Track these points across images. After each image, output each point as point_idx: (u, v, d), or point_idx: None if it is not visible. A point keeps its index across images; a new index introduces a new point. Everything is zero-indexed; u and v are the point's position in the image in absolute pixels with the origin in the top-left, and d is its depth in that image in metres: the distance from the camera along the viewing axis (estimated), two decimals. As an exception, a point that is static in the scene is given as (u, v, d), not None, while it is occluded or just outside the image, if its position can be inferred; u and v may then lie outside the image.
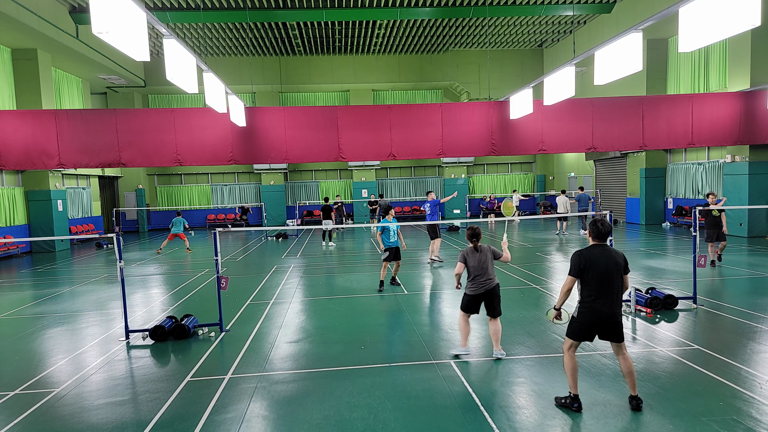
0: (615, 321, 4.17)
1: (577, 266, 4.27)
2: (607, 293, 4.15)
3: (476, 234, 5.61)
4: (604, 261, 4.18)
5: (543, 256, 12.90)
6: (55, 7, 15.94)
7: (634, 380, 4.25)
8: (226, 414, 4.45)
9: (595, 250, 4.27)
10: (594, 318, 4.19)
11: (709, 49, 16.68)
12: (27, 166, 13.72)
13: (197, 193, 27.15)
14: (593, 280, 4.18)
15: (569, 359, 4.33)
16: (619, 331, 4.19)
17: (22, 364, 6.01)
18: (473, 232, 5.63)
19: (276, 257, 14.33)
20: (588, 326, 4.23)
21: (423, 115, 14.54)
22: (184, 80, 8.40)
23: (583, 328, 4.26)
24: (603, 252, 4.25)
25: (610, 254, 4.24)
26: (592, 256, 4.23)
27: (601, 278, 4.16)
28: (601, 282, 4.16)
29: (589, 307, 4.21)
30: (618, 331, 4.19)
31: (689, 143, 14.75)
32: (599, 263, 4.18)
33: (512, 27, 21.89)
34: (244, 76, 23.85)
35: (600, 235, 4.32)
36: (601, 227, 4.30)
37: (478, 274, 5.51)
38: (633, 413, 4.17)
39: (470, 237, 5.65)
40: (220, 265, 6.90)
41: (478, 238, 5.61)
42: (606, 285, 4.15)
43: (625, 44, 8.31)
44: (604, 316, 4.15)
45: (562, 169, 27.13)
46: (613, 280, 4.17)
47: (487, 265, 5.56)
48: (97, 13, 5.39)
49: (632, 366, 4.24)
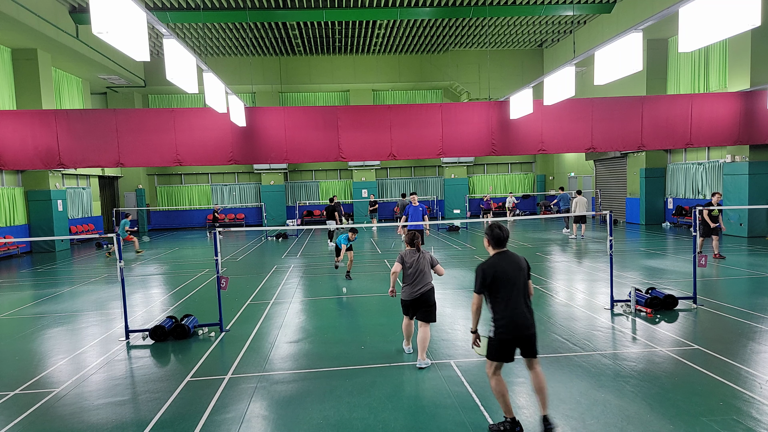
0: (531, 333, 3.86)
1: (481, 281, 3.85)
2: (517, 303, 3.82)
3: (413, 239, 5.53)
4: (508, 269, 3.85)
5: (543, 256, 12.90)
6: (55, 7, 15.94)
7: (546, 398, 3.90)
8: (226, 414, 4.45)
9: (497, 260, 3.90)
10: (511, 333, 3.81)
11: (709, 49, 16.68)
12: (27, 166, 13.72)
13: (197, 193, 27.15)
14: (501, 292, 3.81)
15: (495, 383, 3.92)
16: (534, 345, 3.89)
17: (22, 364, 6.01)
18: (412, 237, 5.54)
19: (276, 257, 14.34)
20: (507, 343, 3.84)
21: (423, 115, 14.54)
22: (184, 80, 8.40)
23: (504, 347, 3.85)
24: (505, 259, 3.90)
25: (513, 260, 3.91)
26: (495, 266, 3.85)
27: (509, 288, 3.81)
28: (510, 292, 3.81)
29: (503, 323, 3.82)
30: (533, 345, 3.89)
31: (689, 143, 14.75)
32: (504, 273, 3.83)
33: (512, 27, 21.89)
34: (244, 76, 23.85)
35: (499, 241, 3.94)
36: (500, 232, 3.93)
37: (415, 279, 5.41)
38: (634, 413, 4.17)
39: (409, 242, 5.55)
40: (220, 265, 6.90)
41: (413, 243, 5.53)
42: (515, 295, 3.82)
43: (625, 44, 8.31)
44: (520, 328, 3.81)
45: (562, 169, 27.13)
46: (521, 288, 3.86)
47: (424, 269, 5.44)
48: (97, 13, 5.39)
49: (544, 382, 3.91)
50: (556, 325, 6.74)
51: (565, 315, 7.22)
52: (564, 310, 7.53)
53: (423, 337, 5.35)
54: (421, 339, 5.35)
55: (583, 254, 12.99)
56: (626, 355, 5.54)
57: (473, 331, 4.06)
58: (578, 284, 9.41)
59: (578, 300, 8.13)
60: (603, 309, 7.43)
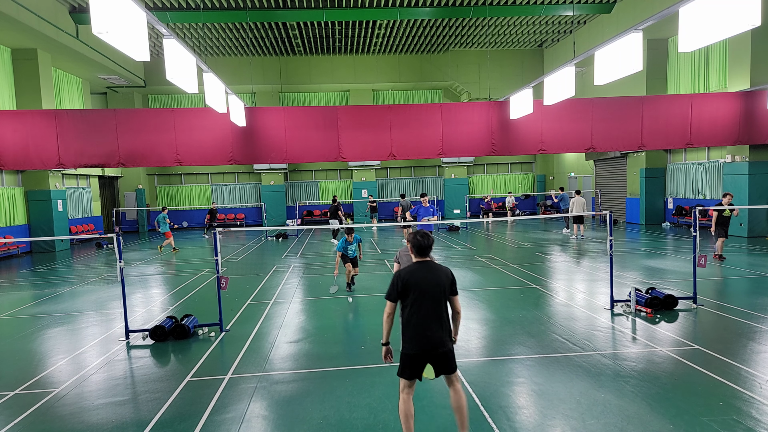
0: (444, 350, 3.59)
1: (394, 288, 3.65)
2: (429, 317, 3.56)
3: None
4: (425, 281, 3.60)
5: (543, 256, 12.90)
6: (55, 7, 15.94)
7: (465, 418, 3.64)
8: (226, 414, 4.45)
9: (416, 268, 3.67)
10: (419, 348, 3.56)
11: (709, 49, 16.68)
12: (27, 166, 13.72)
13: (197, 193, 27.15)
14: (414, 303, 3.58)
15: (402, 403, 3.63)
16: (449, 362, 3.63)
17: (22, 364, 6.01)
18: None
19: (276, 257, 14.34)
20: (414, 360, 3.58)
21: (423, 115, 14.54)
22: (184, 80, 8.40)
23: (411, 363, 3.59)
24: (425, 270, 3.66)
25: (433, 272, 3.65)
26: (412, 275, 3.62)
27: (422, 300, 3.57)
28: (421, 305, 3.56)
29: (410, 336, 3.59)
30: (448, 362, 3.62)
31: (689, 143, 14.75)
32: (420, 283, 3.58)
33: (512, 27, 21.89)
34: (244, 76, 23.85)
35: (420, 250, 3.72)
36: (422, 240, 3.71)
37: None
38: (634, 413, 4.16)
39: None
40: (220, 265, 6.90)
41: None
42: (427, 308, 3.56)
43: (625, 44, 8.31)
44: (429, 345, 3.55)
45: (562, 169, 27.13)
46: (438, 302, 3.60)
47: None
48: (97, 13, 5.39)
49: (464, 402, 3.65)
50: (556, 325, 6.74)
51: (565, 315, 7.22)
52: (564, 310, 7.53)
53: None
54: None
55: (583, 254, 12.99)
56: (626, 355, 5.54)
57: (384, 344, 3.73)
58: (578, 284, 9.41)
59: (578, 300, 8.13)
60: (603, 309, 7.43)
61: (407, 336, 3.60)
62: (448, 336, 3.66)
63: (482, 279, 10.05)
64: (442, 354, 3.59)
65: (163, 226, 16.13)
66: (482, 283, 9.61)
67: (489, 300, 8.29)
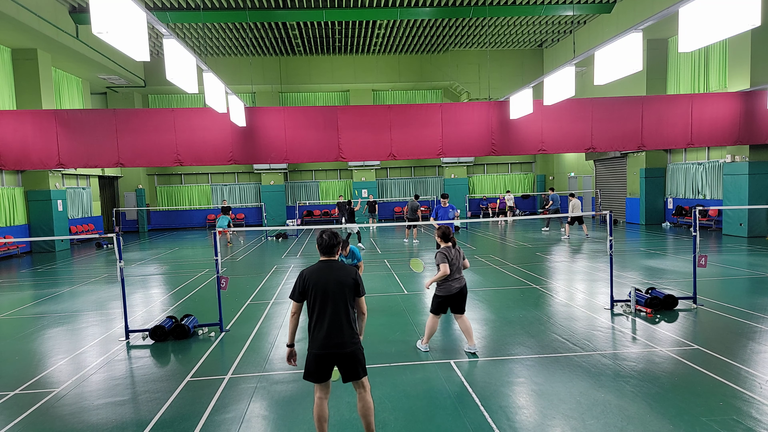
0: (346, 353, 3.49)
1: (297, 287, 3.57)
2: (331, 319, 3.48)
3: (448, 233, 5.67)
4: (326, 280, 3.52)
5: (543, 256, 12.91)
6: (55, 7, 15.94)
7: (371, 425, 3.62)
8: (226, 414, 4.45)
9: (319, 267, 3.60)
10: (322, 348, 3.48)
11: (709, 49, 16.68)
12: (27, 166, 13.72)
13: (197, 193, 27.14)
14: (316, 303, 3.51)
15: (315, 407, 3.60)
16: (355, 365, 3.54)
17: (22, 364, 6.01)
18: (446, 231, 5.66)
19: (276, 257, 14.34)
20: (318, 361, 3.51)
21: (423, 115, 14.54)
22: (184, 80, 8.40)
23: (314, 364, 3.52)
24: (327, 269, 3.58)
25: (336, 272, 3.56)
26: (316, 274, 3.55)
27: (324, 300, 3.50)
28: (324, 305, 3.49)
29: (314, 336, 3.53)
30: (354, 365, 3.53)
31: (689, 143, 14.75)
32: (320, 283, 3.52)
33: (512, 27, 21.89)
34: (244, 76, 23.85)
35: (325, 249, 3.65)
36: (326, 239, 3.64)
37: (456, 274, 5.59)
38: (634, 413, 4.16)
39: (444, 237, 5.67)
40: (220, 265, 6.90)
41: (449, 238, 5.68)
42: (331, 308, 3.49)
43: (625, 44, 8.31)
44: (332, 346, 3.47)
45: (562, 169, 27.13)
46: (337, 303, 3.50)
47: (459, 263, 5.65)
48: (97, 13, 5.39)
49: (370, 408, 3.61)
50: (556, 325, 6.74)
51: (565, 315, 7.22)
52: (564, 310, 7.53)
53: (468, 325, 5.67)
54: (467, 327, 5.66)
55: (583, 254, 12.99)
56: (626, 355, 5.54)
57: (288, 345, 3.70)
58: (578, 284, 9.42)
59: (578, 300, 8.13)
60: (603, 309, 7.43)
61: (312, 336, 3.55)
62: (353, 338, 3.55)
63: (482, 279, 10.05)
64: (345, 355, 3.50)
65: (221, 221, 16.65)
66: (482, 283, 9.62)
67: (489, 300, 8.29)
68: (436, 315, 5.72)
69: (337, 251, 3.71)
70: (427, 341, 5.88)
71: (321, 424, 3.60)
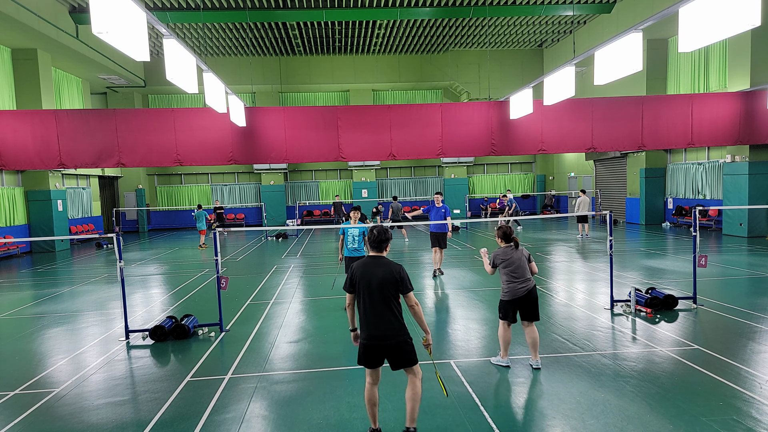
0: (389, 344, 3.64)
1: (349, 280, 3.78)
2: (374, 312, 3.64)
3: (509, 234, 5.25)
4: (373, 275, 3.66)
5: (543, 256, 12.90)
6: (55, 7, 15.94)
7: (414, 411, 3.75)
8: (226, 414, 4.45)
9: (368, 262, 3.75)
10: (369, 340, 3.66)
11: (709, 49, 16.68)
12: (27, 166, 13.72)
13: (197, 193, 27.14)
14: (363, 296, 3.68)
15: (366, 391, 3.79)
16: (400, 356, 3.67)
17: (22, 364, 6.01)
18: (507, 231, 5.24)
19: (276, 257, 14.33)
20: (367, 350, 3.68)
21: (423, 115, 14.54)
22: (184, 80, 8.40)
23: (364, 353, 3.70)
24: (373, 265, 3.72)
25: (380, 268, 3.69)
26: (362, 269, 3.71)
27: (369, 293, 3.65)
28: (369, 298, 3.65)
29: (362, 327, 3.72)
30: (399, 356, 3.67)
31: (689, 143, 14.75)
32: (365, 277, 3.67)
33: (512, 27, 21.89)
34: (244, 76, 23.85)
35: (375, 244, 3.77)
36: (376, 234, 3.77)
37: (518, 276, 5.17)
38: (634, 413, 4.16)
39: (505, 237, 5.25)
40: (220, 265, 6.90)
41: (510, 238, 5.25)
42: (375, 301, 3.63)
43: (625, 44, 8.31)
44: (374, 338, 3.65)
45: (562, 169, 27.13)
46: (380, 297, 3.63)
47: (524, 264, 5.21)
48: (97, 13, 5.39)
49: (418, 395, 3.74)
50: (556, 325, 6.74)
51: (565, 315, 7.22)
52: (564, 310, 7.53)
53: (535, 337, 5.22)
54: (534, 339, 5.21)
55: (583, 254, 12.99)
56: (626, 355, 5.54)
57: (351, 330, 3.99)
58: (578, 284, 9.41)
59: (578, 300, 8.13)
60: (603, 309, 7.43)
61: (360, 326, 3.75)
62: (397, 330, 3.66)
63: (482, 279, 10.04)
64: (389, 346, 3.65)
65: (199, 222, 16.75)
66: (482, 283, 9.61)
67: (489, 300, 8.29)
68: (504, 321, 5.26)
69: (386, 247, 3.85)
70: (504, 354, 5.32)
71: (372, 408, 3.79)
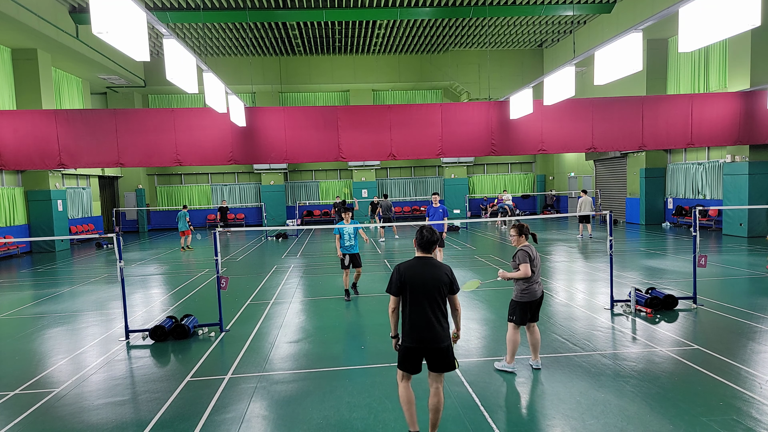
0: (438, 347, 3.61)
1: (395, 282, 3.67)
2: (424, 314, 3.59)
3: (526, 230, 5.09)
4: (424, 277, 3.62)
5: (543, 256, 12.90)
6: (55, 7, 15.94)
7: (437, 422, 3.73)
8: (226, 414, 4.45)
9: (416, 264, 3.70)
10: (414, 342, 3.62)
11: (709, 49, 16.67)
12: (27, 166, 13.72)
13: (197, 193, 27.14)
14: (412, 298, 3.62)
15: (402, 391, 3.75)
16: (443, 360, 3.64)
17: (22, 364, 6.01)
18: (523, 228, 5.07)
19: (276, 257, 14.33)
20: (411, 353, 3.65)
21: (423, 115, 14.54)
22: (184, 80, 8.40)
23: (406, 356, 3.67)
24: (425, 266, 3.68)
25: (433, 269, 3.67)
26: (412, 270, 3.66)
27: (419, 295, 3.60)
28: (419, 301, 3.60)
29: (406, 329, 3.66)
30: (442, 360, 3.64)
31: (689, 143, 14.75)
32: (417, 279, 3.61)
33: (512, 27, 21.89)
34: (244, 76, 23.85)
35: (424, 245, 3.72)
36: (427, 235, 3.69)
37: (536, 277, 5.02)
38: (634, 413, 4.16)
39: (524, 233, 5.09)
40: (220, 265, 6.90)
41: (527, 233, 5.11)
42: (424, 305, 3.59)
43: (625, 44, 8.31)
44: (424, 341, 3.60)
45: (562, 169, 27.13)
46: (432, 299, 3.61)
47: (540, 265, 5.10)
48: (97, 13, 5.39)
49: (442, 403, 3.72)
50: (556, 325, 6.74)
51: (565, 315, 7.22)
52: (564, 310, 7.53)
53: (538, 338, 5.17)
54: (537, 340, 5.15)
55: (584, 254, 12.99)
56: (626, 355, 5.54)
57: (392, 336, 3.82)
58: (578, 284, 9.42)
59: (578, 300, 8.13)
60: (603, 309, 7.43)
61: (405, 330, 3.68)
62: (445, 333, 3.65)
63: (482, 279, 10.03)
64: (436, 349, 3.62)
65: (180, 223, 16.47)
66: (482, 283, 9.60)
67: (489, 300, 8.29)
68: (517, 326, 5.07)
69: (434, 249, 3.78)
70: (511, 358, 5.13)
71: (410, 407, 3.72)
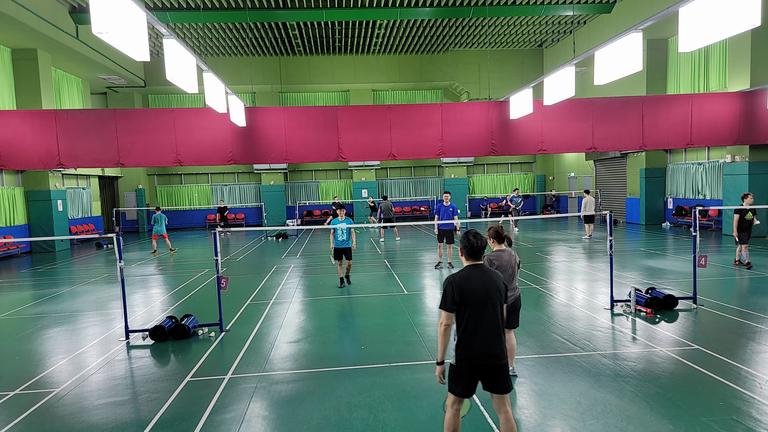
0: (498, 364, 3.24)
1: (451, 297, 3.23)
2: (486, 327, 3.23)
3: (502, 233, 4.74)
4: (483, 286, 3.26)
5: (543, 256, 12.90)
6: (55, 7, 15.94)
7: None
8: (226, 414, 4.45)
9: (470, 274, 3.31)
10: (473, 361, 3.24)
11: (709, 49, 16.67)
12: (27, 166, 13.72)
13: (197, 193, 27.14)
14: (470, 312, 3.23)
15: (450, 419, 3.35)
16: (505, 376, 3.28)
17: (22, 364, 6.01)
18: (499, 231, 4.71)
19: (276, 257, 14.33)
20: (467, 373, 3.26)
21: (423, 115, 14.54)
22: (184, 80, 8.39)
23: (463, 378, 3.27)
24: (480, 274, 3.31)
25: (489, 277, 3.32)
26: (468, 281, 3.26)
27: (480, 309, 3.22)
28: (480, 314, 3.22)
29: (465, 348, 3.25)
30: (503, 378, 3.27)
31: (689, 143, 14.75)
32: (477, 290, 3.24)
33: (512, 27, 21.89)
34: (244, 76, 23.85)
35: (473, 252, 3.35)
36: (475, 241, 3.34)
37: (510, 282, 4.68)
38: (634, 413, 4.16)
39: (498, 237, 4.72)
40: (220, 265, 6.90)
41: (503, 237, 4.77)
42: (486, 317, 3.23)
43: (625, 44, 8.31)
44: (484, 357, 3.23)
45: (562, 169, 27.13)
46: (494, 310, 3.26)
47: (515, 270, 4.72)
48: (97, 13, 5.39)
49: (515, 429, 3.33)
50: (556, 325, 6.74)
51: (565, 315, 7.22)
52: (564, 310, 7.53)
53: (513, 344, 4.91)
54: (511, 347, 4.88)
55: (583, 254, 12.99)
56: (626, 355, 5.54)
57: (438, 363, 3.35)
58: (578, 284, 9.42)
59: (578, 300, 8.13)
60: (603, 309, 7.43)
61: (463, 347, 3.26)
62: (503, 348, 3.30)
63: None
64: (494, 368, 3.26)
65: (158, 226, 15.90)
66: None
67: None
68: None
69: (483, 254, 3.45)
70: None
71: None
